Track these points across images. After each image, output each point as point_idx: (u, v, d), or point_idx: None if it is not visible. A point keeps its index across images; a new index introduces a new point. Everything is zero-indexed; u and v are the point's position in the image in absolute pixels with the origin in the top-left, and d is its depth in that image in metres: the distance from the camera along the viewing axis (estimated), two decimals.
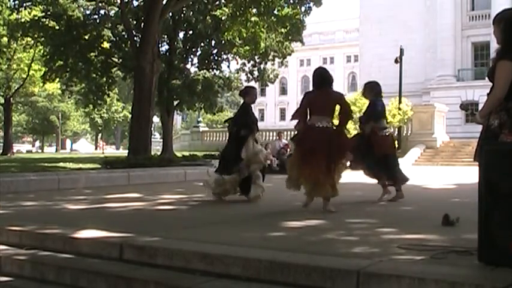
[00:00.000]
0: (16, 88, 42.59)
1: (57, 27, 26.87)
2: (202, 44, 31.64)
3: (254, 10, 22.05)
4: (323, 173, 6.48)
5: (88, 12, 28.68)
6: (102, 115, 63.59)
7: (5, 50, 38.15)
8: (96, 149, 73.27)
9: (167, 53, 30.50)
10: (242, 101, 8.66)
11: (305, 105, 6.87)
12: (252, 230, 5.29)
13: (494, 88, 3.79)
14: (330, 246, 4.31)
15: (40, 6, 26.81)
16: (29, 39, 30.40)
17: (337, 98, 6.98)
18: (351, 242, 4.50)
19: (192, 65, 32.86)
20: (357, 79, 62.17)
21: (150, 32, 18.59)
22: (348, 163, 7.42)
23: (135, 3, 28.52)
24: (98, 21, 28.76)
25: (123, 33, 27.43)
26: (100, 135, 78.02)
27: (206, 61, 31.50)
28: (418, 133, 27.56)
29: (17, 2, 27.18)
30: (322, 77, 6.96)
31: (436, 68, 44.38)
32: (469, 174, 9.42)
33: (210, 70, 31.72)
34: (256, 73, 31.94)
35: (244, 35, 23.70)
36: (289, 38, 26.70)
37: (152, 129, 22.50)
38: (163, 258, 4.19)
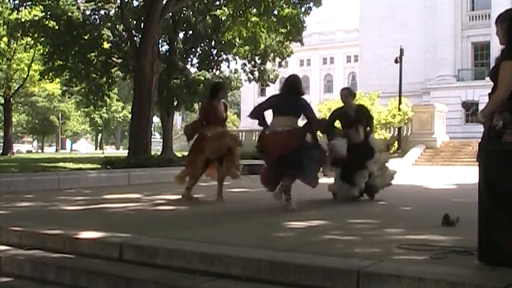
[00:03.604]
0: (16, 88, 42.59)
1: (57, 27, 26.88)
2: (202, 44, 31.67)
3: (254, 10, 22.04)
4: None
5: (88, 12, 28.69)
6: (102, 115, 63.63)
7: (4, 50, 38.19)
8: (96, 149, 73.36)
9: (167, 53, 30.54)
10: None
11: None
12: (252, 230, 5.29)
13: (497, 88, 3.78)
14: (330, 246, 4.31)
15: (40, 6, 26.80)
16: (29, 39, 30.41)
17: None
18: (351, 242, 4.50)
19: (192, 65, 32.89)
20: (357, 79, 62.15)
21: (150, 32, 18.58)
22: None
23: (135, 3, 28.55)
24: (97, 21, 28.78)
25: (123, 33, 27.44)
26: (100, 135, 78.07)
27: (206, 61, 31.52)
28: (418, 133, 27.57)
29: (17, 1, 27.19)
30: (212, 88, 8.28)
31: (436, 68, 44.39)
32: (469, 174, 9.43)
33: (210, 70, 31.73)
34: (256, 73, 31.97)
35: (244, 34, 23.68)
36: (290, 38, 26.70)
37: (152, 129, 22.50)
38: (163, 258, 4.19)
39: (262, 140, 7.05)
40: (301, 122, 7.13)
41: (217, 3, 28.14)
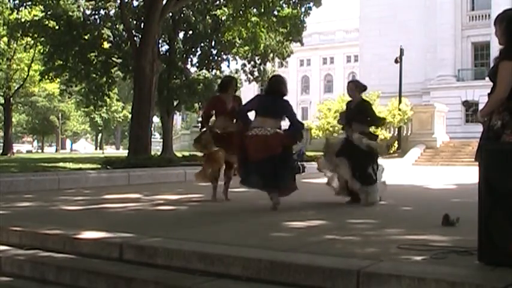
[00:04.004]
0: (16, 88, 42.59)
1: (57, 27, 26.87)
2: (202, 44, 31.65)
3: (254, 10, 22.03)
4: None
5: (88, 12, 28.69)
6: (102, 115, 63.63)
7: (4, 50, 38.18)
8: (96, 149, 73.35)
9: (167, 53, 30.51)
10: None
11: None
12: (252, 230, 5.29)
13: (496, 88, 3.79)
14: (330, 246, 4.31)
15: (40, 6, 26.80)
16: (29, 39, 30.41)
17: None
18: (351, 242, 4.50)
19: (192, 65, 32.88)
20: (357, 79, 62.17)
21: (150, 32, 18.57)
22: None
23: (135, 3, 28.54)
24: (98, 21, 28.77)
25: (123, 33, 27.43)
26: (100, 135, 78.05)
27: (206, 61, 31.51)
28: (418, 133, 27.57)
29: (17, 1, 27.18)
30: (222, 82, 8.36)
31: (436, 68, 44.39)
32: (469, 174, 9.42)
33: (210, 70, 31.73)
34: (256, 73, 31.97)
35: (244, 34, 23.68)
36: (290, 38, 26.70)
37: (152, 129, 22.49)
38: (163, 258, 4.19)
39: (242, 139, 6.93)
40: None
41: (217, 3, 28.13)
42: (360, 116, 7.55)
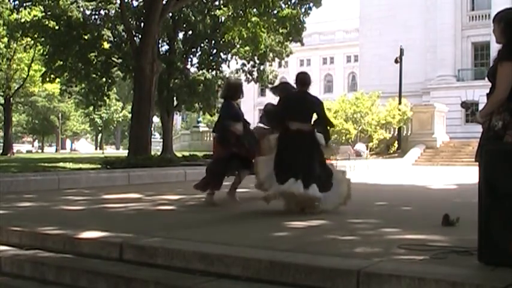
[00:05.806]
0: (16, 88, 42.60)
1: (57, 28, 26.88)
2: (202, 44, 31.66)
3: (254, 10, 22.03)
4: None
5: (88, 12, 28.69)
6: (102, 115, 63.62)
7: (4, 50, 38.21)
8: (96, 149, 73.37)
9: (167, 53, 30.53)
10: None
11: None
12: (252, 230, 5.29)
13: (496, 89, 3.79)
14: (330, 246, 4.31)
15: (40, 7, 26.79)
16: (29, 39, 30.41)
17: None
18: (351, 242, 4.50)
19: (192, 65, 32.89)
20: (356, 79, 62.16)
21: (150, 32, 18.58)
22: None
23: (135, 4, 28.56)
24: (97, 21, 28.77)
25: (123, 33, 27.43)
26: (100, 135, 78.07)
27: (206, 61, 31.52)
28: (418, 133, 27.58)
29: (17, 2, 27.19)
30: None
31: (436, 68, 44.39)
32: (469, 174, 9.43)
33: (210, 70, 31.74)
34: (255, 74, 31.97)
35: (245, 35, 23.68)
36: (290, 38, 26.72)
37: (152, 129, 22.51)
38: (163, 258, 4.19)
39: None
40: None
41: (217, 3, 28.14)
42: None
